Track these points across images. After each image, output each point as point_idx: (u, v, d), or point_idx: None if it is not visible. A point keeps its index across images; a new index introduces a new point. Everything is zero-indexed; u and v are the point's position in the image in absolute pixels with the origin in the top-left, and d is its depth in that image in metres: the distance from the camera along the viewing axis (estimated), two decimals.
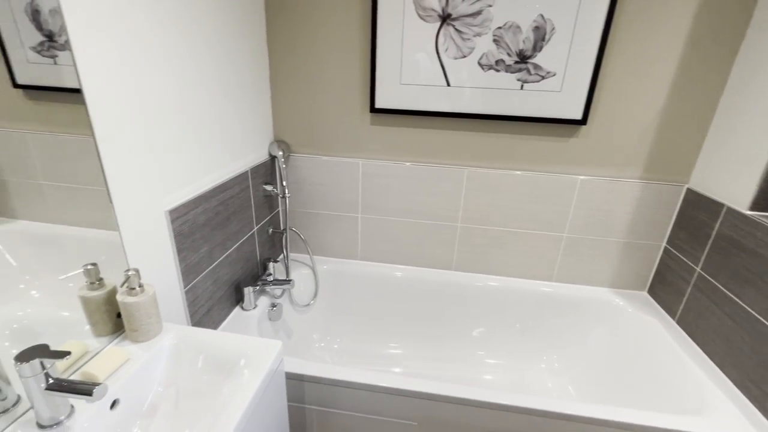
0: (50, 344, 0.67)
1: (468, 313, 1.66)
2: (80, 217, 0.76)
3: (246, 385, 0.78)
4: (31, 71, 0.66)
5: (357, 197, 1.61)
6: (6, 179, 0.64)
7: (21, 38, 0.65)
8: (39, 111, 0.68)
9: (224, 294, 1.29)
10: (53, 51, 0.69)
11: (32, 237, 0.69)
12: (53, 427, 0.65)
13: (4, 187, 0.64)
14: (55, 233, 0.73)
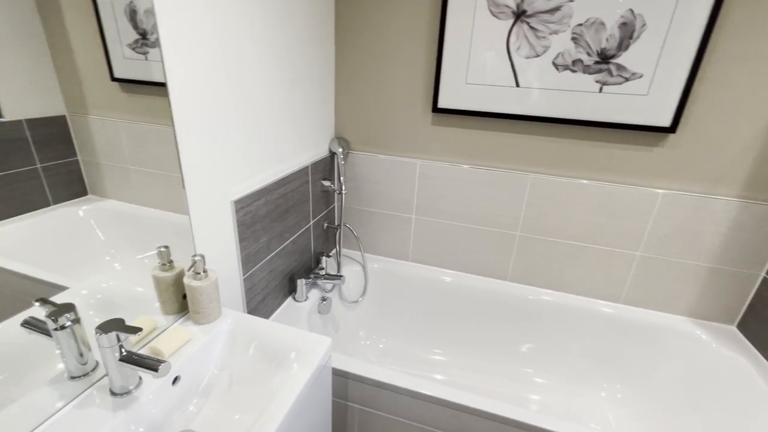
0: (126, 317, 0.73)
1: (520, 327, 1.57)
2: (158, 200, 0.82)
3: (295, 377, 0.79)
4: (125, 66, 0.72)
5: (412, 198, 1.59)
6: (100, 162, 0.70)
7: (120, 36, 0.70)
8: (130, 102, 0.73)
9: (278, 284, 1.34)
10: (145, 48, 0.74)
11: (118, 215, 0.75)
12: (123, 395, 0.71)
13: (99, 169, 0.70)
14: (137, 213, 0.79)
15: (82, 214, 0.68)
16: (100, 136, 0.68)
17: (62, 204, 0.64)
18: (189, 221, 0.90)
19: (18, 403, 0.63)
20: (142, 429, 0.71)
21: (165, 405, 0.76)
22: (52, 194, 0.62)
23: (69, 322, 0.68)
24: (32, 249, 0.61)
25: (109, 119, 0.70)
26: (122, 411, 0.68)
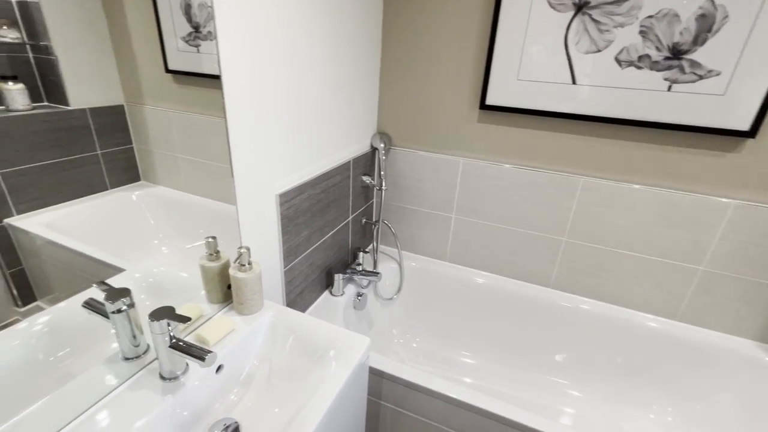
0: (173, 303, 0.76)
1: (557, 336, 1.50)
2: (204, 188, 0.84)
3: (334, 377, 0.78)
4: (178, 58, 0.73)
5: (453, 197, 1.54)
6: (152, 150, 0.72)
7: (175, 29, 0.72)
8: (181, 93, 0.75)
9: (316, 278, 1.35)
10: (198, 41, 0.76)
11: (167, 201, 0.77)
12: (171, 380, 0.73)
13: (151, 156, 0.72)
14: (184, 200, 0.81)
15: (135, 199, 0.71)
16: (153, 125, 0.70)
17: (118, 189, 0.66)
18: (236, 213, 0.92)
19: (79, 379, 0.67)
20: (186, 413, 0.73)
21: (208, 392, 0.78)
22: (109, 179, 0.65)
23: (125, 306, 0.71)
24: (92, 230, 0.64)
25: (162, 109, 0.72)
26: (170, 395, 0.71)
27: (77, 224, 0.61)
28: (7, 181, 0.51)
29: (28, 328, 0.59)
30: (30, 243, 0.55)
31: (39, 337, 0.60)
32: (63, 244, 0.60)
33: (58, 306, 0.61)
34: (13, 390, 0.58)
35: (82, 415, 0.66)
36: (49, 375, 0.62)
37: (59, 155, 0.56)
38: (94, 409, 0.67)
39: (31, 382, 0.60)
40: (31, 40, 0.52)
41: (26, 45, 0.52)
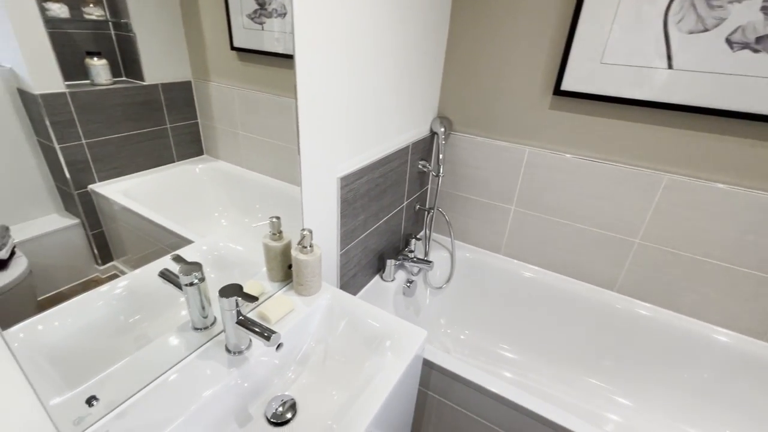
0: (236, 278, 0.78)
1: (616, 343, 1.40)
2: (262, 165, 0.84)
3: (391, 368, 0.78)
4: (244, 36, 0.73)
5: (515, 188, 1.46)
6: (215, 126, 0.73)
7: (241, 6, 0.71)
8: (244, 70, 0.75)
9: (369, 262, 1.35)
10: (263, 18, 0.74)
11: (227, 176, 0.79)
12: (236, 354, 0.76)
13: (214, 132, 0.73)
14: (243, 176, 0.82)
15: (198, 172, 0.73)
16: (217, 102, 0.71)
17: (183, 162, 0.68)
18: (300, 194, 0.92)
19: (155, 343, 0.71)
20: (247, 385, 0.76)
21: (268, 368, 0.81)
22: (176, 152, 0.67)
23: (196, 280, 0.73)
24: (161, 199, 0.66)
25: (225, 86, 0.72)
26: (235, 369, 0.73)
27: (148, 193, 0.63)
28: (91, 150, 0.54)
29: (109, 291, 0.63)
30: (109, 208, 0.58)
31: (119, 299, 0.64)
32: (137, 211, 0.63)
33: (134, 272, 0.65)
34: (98, 346, 0.62)
35: (159, 379, 0.70)
36: (128, 335, 0.67)
37: (135, 128, 0.59)
38: (168, 374, 0.71)
39: (113, 340, 0.64)
40: (113, 17, 0.53)
41: (109, 22, 0.53)
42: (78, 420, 0.60)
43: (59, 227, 0.53)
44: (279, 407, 0.77)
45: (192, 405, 0.66)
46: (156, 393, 0.67)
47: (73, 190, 0.53)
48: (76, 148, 0.52)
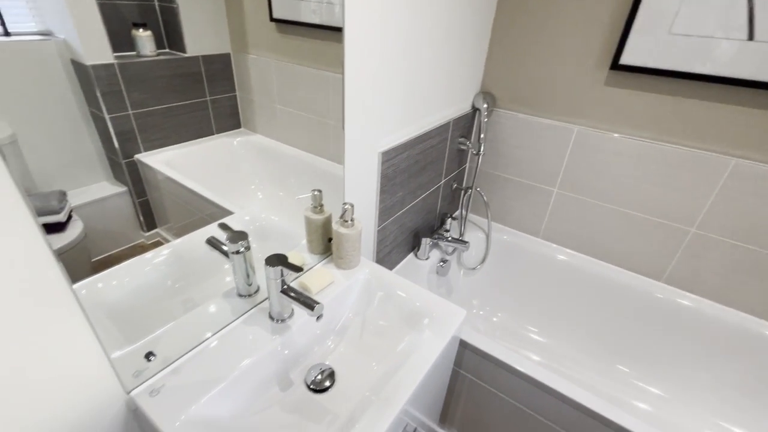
0: (275, 248, 0.79)
1: (658, 334, 1.34)
2: (299, 140, 0.83)
3: (429, 345, 0.77)
4: (283, 7, 0.71)
5: (559, 169, 1.39)
6: (253, 99, 0.72)
7: None
8: (283, 43, 0.73)
9: (404, 239, 1.34)
10: None
11: (263, 149, 0.79)
12: (279, 321, 0.78)
13: (252, 106, 0.73)
14: (278, 150, 0.82)
15: (236, 145, 0.73)
16: (255, 74, 0.70)
17: (221, 134, 0.69)
18: (343, 168, 0.91)
19: (202, 308, 0.74)
20: (288, 352, 0.79)
21: (308, 337, 0.83)
22: (215, 124, 0.67)
23: (242, 249, 0.75)
24: (201, 170, 0.68)
25: (264, 58, 0.71)
26: (278, 336, 0.76)
27: (189, 164, 0.65)
28: (137, 121, 0.55)
29: (157, 257, 0.65)
30: (153, 177, 0.60)
31: (167, 265, 0.66)
32: (179, 181, 0.64)
33: (180, 240, 0.67)
34: (150, 307, 0.65)
35: (208, 340, 0.73)
36: (176, 298, 0.69)
37: (177, 99, 0.59)
38: (216, 336, 0.74)
39: (162, 303, 0.67)
40: None
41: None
42: (137, 373, 0.64)
43: (109, 194, 0.55)
44: (318, 375, 0.79)
45: (238, 367, 0.69)
46: (206, 353, 0.71)
47: (121, 159, 0.55)
48: (123, 118, 0.53)
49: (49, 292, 0.50)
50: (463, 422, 1.27)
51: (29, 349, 0.50)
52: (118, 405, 0.63)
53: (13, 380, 0.50)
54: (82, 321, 0.55)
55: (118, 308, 0.60)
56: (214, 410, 0.64)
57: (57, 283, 0.50)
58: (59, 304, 0.51)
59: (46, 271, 0.49)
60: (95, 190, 0.53)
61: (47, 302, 0.50)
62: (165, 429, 0.58)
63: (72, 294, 0.53)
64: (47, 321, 0.51)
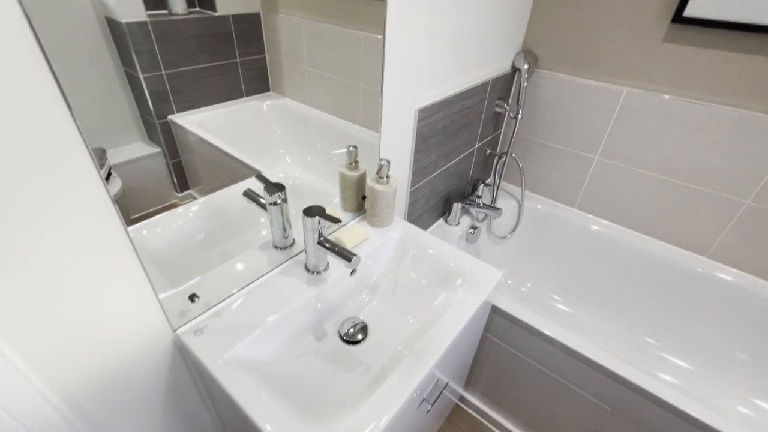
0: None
1: (694, 309, 1.29)
2: (327, 104, 0.81)
3: (463, 304, 0.77)
4: None
5: (602, 135, 1.32)
6: (282, 61, 0.70)
7: None
8: (313, 1, 0.69)
9: (435, 203, 1.32)
10: None
11: (292, 113, 0.77)
12: (314, 273, 0.79)
13: (281, 68, 0.71)
14: (307, 113, 0.80)
15: (265, 109, 0.72)
16: (284, 35, 0.68)
17: (251, 97, 0.67)
18: (379, 122, 0.89)
19: (241, 257, 0.75)
20: (322, 305, 0.80)
21: (342, 291, 0.83)
22: (245, 87, 0.66)
23: (279, 200, 0.75)
24: (232, 133, 0.67)
25: (294, 18, 0.68)
26: (314, 287, 0.77)
27: (220, 126, 0.64)
28: (170, 81, 0.55)
29: (192, 211, 0.65)
30: (185, 138, 0.60)
31: (204, 219, 0.67)
32: (211, 142, 0.64)
33: (219, 192, 0.67)
34: (190, 257, 0.67)
35: (244, 289, 0.75)
36: (213, 250, 0.70)
37: (207, 60, 0.58)
38: (253, 285, 0.76)
39: (201, 253, 0.68)
40: None
41: None
42: (181, 314, 0.67)
43: (144, 154, 0.55)
44: (351, 328, 0.80)
45: (276, 313, 0.70)
46: (245, 299, 0.73)
47: (155, 120, 0.55)
48: (156, 78, 0.53)
49: (109, 233, 0.52)
50: (487, 387, 1.29)
51: (92, 286, 0.53)
52: (165, 342, 0.66)
53: (79, 315, 0.53)
54: (135, 261, 0.57)
55: (160, 256, 0.61)
56: (254, 353, 0.66)
57: (115, 226, 0.52)
58: (116, 245, 0.53)
59: (107, 215, 0.51)
60: (130, 151, 0.53)
61: (106, 242, 0.52)
62: (209, 365, 0.61)
63: (127, 237, 0.54)
64: (107, 261, 0.53)
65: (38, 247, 0.46)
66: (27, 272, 0.46)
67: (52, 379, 0.53)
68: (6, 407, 0.48)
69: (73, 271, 0.50)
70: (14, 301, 0.46)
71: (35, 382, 0.50)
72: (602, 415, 1.01)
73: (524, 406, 1.20)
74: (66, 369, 0.54)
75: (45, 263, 0.47)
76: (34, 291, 0.47)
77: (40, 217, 0.45)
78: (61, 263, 0.49)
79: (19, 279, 0.46)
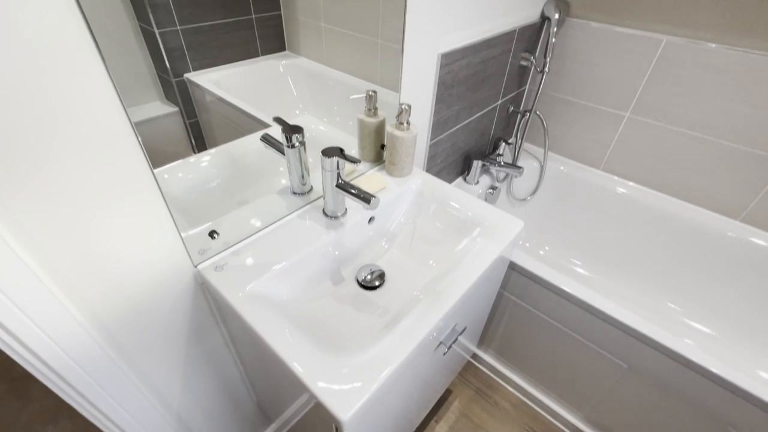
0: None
1: (719, 273, 1.25)
2: (345, 63, 0.77)
3: (483, 251, 0.75)
4: None
5: (636, 90, 1.24)
6: (298, 18, 0.67)
7: None
8: None
9: (455, 160, 1.28)
10: None
11: (308, 73, 0.75)
12: (332, 218, 0.79)
13: (296, 25, 0.67)
14: (323, 73, 0.77)
15: (282, 70, 0.70)
16: None
17: (266, 56, 0.65)
18: (401, 65, 0.85)
19: (259, 202, 0.75)
20: (340, 248, 0.80)
21: (360, 238, 0.83)
22: (260, 46, 0.63)
23: (298, 143, 0.74)
24: (248, 92, 0.65)
25: None
26: (332, 230, 0.76)
27: (236, 85, 0.62)
28: (185, 38, 0.53)
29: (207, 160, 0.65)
30: (202, 97, 0.59)
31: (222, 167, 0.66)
32: (229, 100, 0.63)
33: (237, 141, 0.66)
34: (209, 202, 0.66)
35: (263, 230, 0.75)
36: (231, 198, 0.70)
37: (223, 16, 0.56)
38: (271, 227, 0.76)
39: (219, 200, 0.68)
40: None
41: None
42: (202, 251, 0.67)
43: (161, 114, 0.55)
44: (368, 275, 0.80)
45: (294, 254, 0.71)
46: (263, 240, 0.73)
47: (172, 78, 0.54)
48: (172, 34, 0.52)
49: (136, 170, 0.53)
50: (501, 345, 1.29)
51: (121, 222, 0.54)
52: (187, 277, 0.67)
53: (109, 248, 0.54)
54: (160, 199, 0.57)
55: (180, 200, 0.61)
56: (273, 290, 0.67)
57: (141, 163, 0.53)
58: (143, 183, 0.54)
59: (134, 154, 0.52)
60: (148, 110, 0.53)
61: (134, 180, 0.53)
62: (229, 298, 0.62)
63: (152, 175, 0.55)
64: (134, 199, 0.54)
65: (78, 186, 0.48)
66: (68, 209, 0.48)
67: (85, 305, 0.55)
68: (45, 329, 0.50)
69: (106, 208, 0.52)
70: (54, 235, 0.48)
71: (70, 308, 0.52)
72: (617, 372, 1.00)
73: (537, 364, 1.21)
74: (96, 297, 0.56)
75: (83, 200, 0.49)
76: (72, 225, 0.49)
77: (79, 158, 0.47)
78: (96, 200, 0.50)
79: (61, 215, 0.48)
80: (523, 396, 1.31)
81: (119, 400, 0.63)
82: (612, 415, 1.09)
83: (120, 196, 0.52)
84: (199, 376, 0.81)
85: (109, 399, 0.61)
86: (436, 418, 1.25)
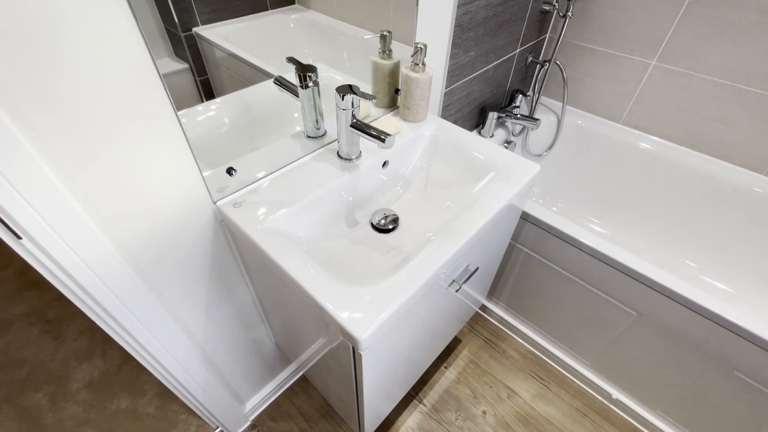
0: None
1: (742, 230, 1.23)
2: (356, 16, 0.74)
3: (497, 194, 0.75)
4: None
5: (664, 35, 1.17)
6: None
7: None
8: None
9: (470, 111, 1.26)
10: None
11: (318, 27, 0.72)
12: (347, 160, 0.79)
13: None
14: (333, 26, 0.74)
15: (292, 25, 0.67)
16: None
17: (276, 10, 0.63)
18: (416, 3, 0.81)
19: (272, 146, 0.75)
20: (354, 191, 0.80)
21: (374, 182, 0.83)
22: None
23: (311, 83, 0.73)
24: (258, 47, 0.63)
25: None
26: (347, 172, 0.77)
27: (246, 40, 0.61)
28: None
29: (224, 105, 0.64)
30: (211, 53, 0.57)
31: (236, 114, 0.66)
32: (239, 55, 0.61)
33: (250, 87, 0.65)
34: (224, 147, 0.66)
35: (279, 170, 0.76)
36: (245, 145, 0.70)
37: None
38: (287, 168, 0.77)
39: (234, 144, 0.68)
40: None
41: None
42: (220, 189, 0.69)
43: (171, 70, 0.54)
44: (382, 219, 0.81)
45: (310, 193, 0.72)
46: (280, 180, 0.74)
47: (180, 32, 0.53)
48: None
49: (160, 107, 0.54)
50: (510, 296, 1.32)
51: (146, 155, 0.55)
52: (207, 213, 0.69)
53: (136, 182, 0.56)
54: (182, 136, 0.58)
55: (197, 144, 0.62)
56: (290, 227, 0.69)
57: (164, 101, 0.54)
58: (167, 119, 0.55)
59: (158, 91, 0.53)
60: (158, 67, 0.52)
61: (157, 114, 0.54)
62: (248, 231, 0.64)
63: (174, 113, 0.56)
64: (158, 134, 0.55)
65: (106, 124, 0.50)
66: (101, 148, 0.50)
67: (114, 235, 0.57)
68: (81, 255, 0.53)
69: (132, 141, 0.53)
70: (85, 164, 0.50)
71: (101, 237, 0.55)
72: (627, 320, 1.02)
73: (546, 314, 1.24)
74: (123, 229, 0.58)
75: (112, 138, 0.51)
76: (103, 160, 0.51)
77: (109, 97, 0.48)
78: (124, 134, 0.52)
79: (93, 152, 0.50)
80: (530, 345, 1.34)
81: (147, 324, 0.67)
82: (619, 362, 1.12)
83: (147, 132, 0.54)
84: (221, 313, 0.86)
85: (137, 322, 0.65)
86: (446, 364, 1.30)
